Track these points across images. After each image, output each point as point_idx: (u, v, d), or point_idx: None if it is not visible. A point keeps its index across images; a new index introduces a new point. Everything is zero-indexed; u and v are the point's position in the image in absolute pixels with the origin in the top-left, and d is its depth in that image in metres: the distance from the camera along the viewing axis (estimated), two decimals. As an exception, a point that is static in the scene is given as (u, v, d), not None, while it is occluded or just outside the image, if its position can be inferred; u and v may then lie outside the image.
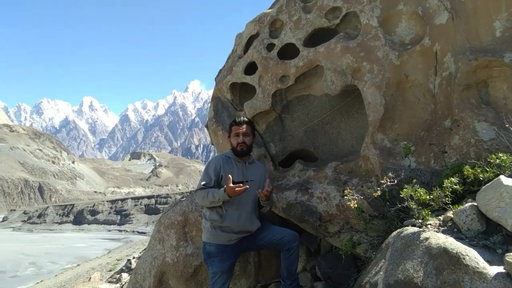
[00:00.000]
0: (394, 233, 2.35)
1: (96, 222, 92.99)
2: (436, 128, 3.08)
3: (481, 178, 2.28)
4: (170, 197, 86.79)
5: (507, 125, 2.53)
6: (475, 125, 2.81)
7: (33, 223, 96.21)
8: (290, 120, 4.41)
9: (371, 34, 3.47)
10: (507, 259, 1.69)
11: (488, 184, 2.06)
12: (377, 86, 3.37)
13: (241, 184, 2.98)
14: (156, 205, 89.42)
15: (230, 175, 3.03)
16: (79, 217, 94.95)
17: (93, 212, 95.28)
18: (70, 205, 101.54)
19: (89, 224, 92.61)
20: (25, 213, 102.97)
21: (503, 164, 2.25)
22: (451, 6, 3.06)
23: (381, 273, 2.18)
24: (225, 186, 3.00)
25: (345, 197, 2.83)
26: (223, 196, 3.01)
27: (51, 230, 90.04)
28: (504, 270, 1.70)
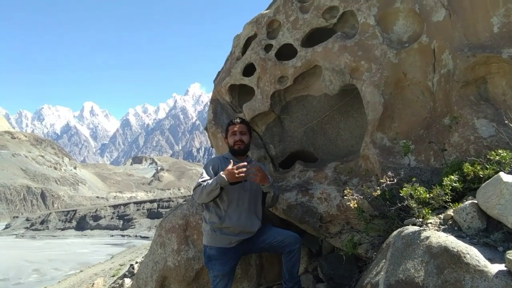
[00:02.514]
0: (395, 232, 2.33)
1: (99, 227, 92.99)
2: (436, 126, 3.07)
3: (481, 175, 2.26)
4: (172, 201, 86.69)
5: (506, 122, 2.51)
6: (475, 122, 2.79)
7: (36, 229, 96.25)
8: (290, 121, 4.40)
9: (369, 32, 3.46)
10: (508, 256, 1.66)
11: (488, 181, 2.04)
12: (376, 85, 3.35)
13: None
14: (159, 209, 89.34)
15: (232, 160, 3.00)
16: (82, 222, 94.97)
17: (96, 218, 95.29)
18: (73, 211, 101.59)
19: (91, 229, 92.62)
20: (27, 220, 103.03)
21: (503, 160, 2.22)
22: (448, 2, 3.04)
23: (382, 273, 2.16)
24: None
25: (345, 197, 2.81)
26: (222, 179, 2.93)
27: (54, 236, 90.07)
28: (505, 268, 1.68)
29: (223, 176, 2.93)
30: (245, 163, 2.95)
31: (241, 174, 2.90)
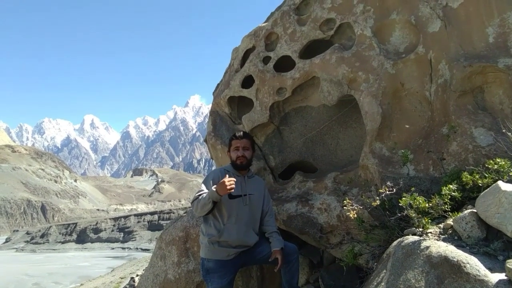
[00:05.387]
0: (395, 242, 2.33)
1: (99, 240, 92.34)
2: (434, 135, 3.08)
3: (480, 184, 2.27)
4: (173, 213, 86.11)
5: (504, 130, 2.52)
6: (473, 131, 2.80)
7: (36, 243, 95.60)
8: (289, 132, 4.41)
9: (366, 44, 3.50)
10: (508, 266, 1.66)
11: (486, 190, 2.05)
12: (374, 95, 3.38)
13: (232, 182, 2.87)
14: (159, 221, 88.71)
15: (227, 175, 2.96)
16: (82, 235, 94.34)
17: (96, 230, 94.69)
18: (73, 223, 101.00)
19: (92, 242, 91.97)
20: (28, 233, 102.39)
21: (502, 169, 2.23)
22: (443, 14, 3.08)
23: (382, 283, 2.15)
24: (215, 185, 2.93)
25: (345, 207, 2.81)
26: (213, 194, 2.90)
27: (54, 249, 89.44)
28: (505, 277, 1.68)
29: (214, 190, 2.91)
30: (233, 179, 2.91)
31: (232, 186, 2.86)
